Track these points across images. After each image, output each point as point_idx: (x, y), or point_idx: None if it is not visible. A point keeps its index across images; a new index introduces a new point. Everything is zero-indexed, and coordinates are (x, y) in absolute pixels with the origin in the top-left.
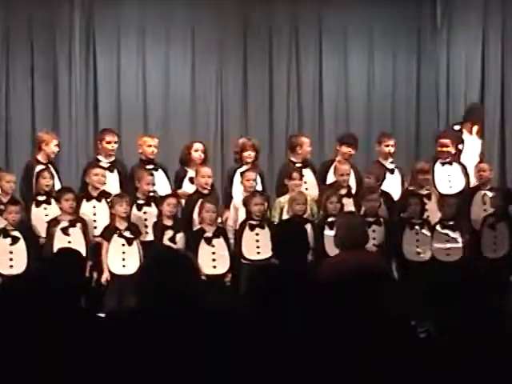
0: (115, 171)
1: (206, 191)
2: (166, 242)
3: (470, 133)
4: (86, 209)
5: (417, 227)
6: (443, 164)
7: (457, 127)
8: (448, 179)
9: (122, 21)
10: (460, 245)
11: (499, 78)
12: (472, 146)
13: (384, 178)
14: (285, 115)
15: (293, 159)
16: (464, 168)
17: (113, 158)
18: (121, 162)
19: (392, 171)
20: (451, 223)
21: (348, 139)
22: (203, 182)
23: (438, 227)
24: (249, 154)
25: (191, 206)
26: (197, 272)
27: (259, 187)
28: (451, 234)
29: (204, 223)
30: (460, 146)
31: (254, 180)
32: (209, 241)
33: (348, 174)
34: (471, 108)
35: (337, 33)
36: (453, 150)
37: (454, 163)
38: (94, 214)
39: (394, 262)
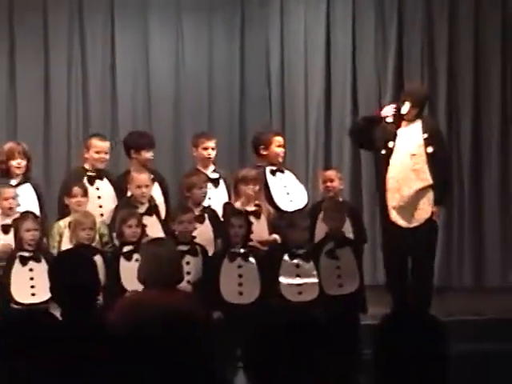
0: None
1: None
2: None
3: None
4: None
5: (239, 258)
6: (273, 172)
7: None
8: (285, 191)
9: None
10: (316, 280)
11: (349, 51)
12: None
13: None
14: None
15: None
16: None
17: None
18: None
19: (216, 182)
20: (303, 251)
21: (143, 140)
22: None
23: (285, 257)
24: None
25: None
26: None
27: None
28: (304, 265)
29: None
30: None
31: (14, 198)
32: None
33: (147, 186)
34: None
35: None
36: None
37: (286, 171)
38: None
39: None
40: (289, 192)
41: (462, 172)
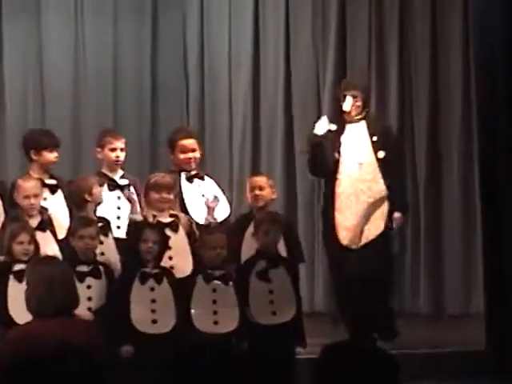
0: None
1: None
2: None
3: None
4: None
5: (152, 280)
6: (190, 178)
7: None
8: (203, 201)
9: None
10: (236, 307)
11: (282, 35)
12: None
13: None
14: None
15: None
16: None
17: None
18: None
19: (124, 189)
20: (221, 272)
21: (46, 139)
22: None
23: (199, 279)
24: None
25: None
26: None
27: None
28: (222, 289)
29: None
30: None
31: None
32: None
33: (36, 196)
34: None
35: None
36: (199, 155)
37: (206, 178)
38: None
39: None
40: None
41: (416, 179)
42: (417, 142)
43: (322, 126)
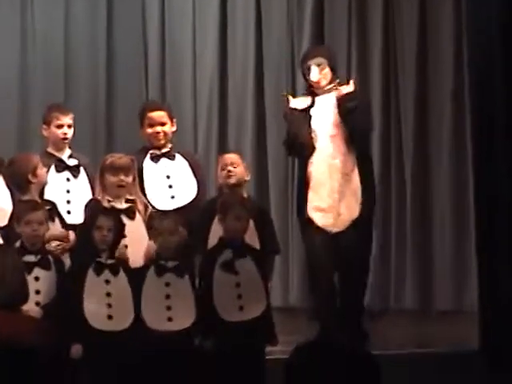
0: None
1: None
2: None
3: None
4: None
5: (107, 272)
6: (155, 158)
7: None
8: (168, 183)
9: None
10: (192, 301)
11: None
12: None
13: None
14: None
15: None
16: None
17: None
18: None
19: (74, 170)
20: (174, 264)
21: None
22: None
23: (150, 271)
24: None
25: None
26: None
27: None
28: (176, 282)
29: None
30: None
31: None
32: None
33: None
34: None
35: None
36: (170, 130)
37: (178, 157)
38: None
39: None
40: (172, 185)
41: (402, 166)
42: (404, 133)
43: (298, 100)
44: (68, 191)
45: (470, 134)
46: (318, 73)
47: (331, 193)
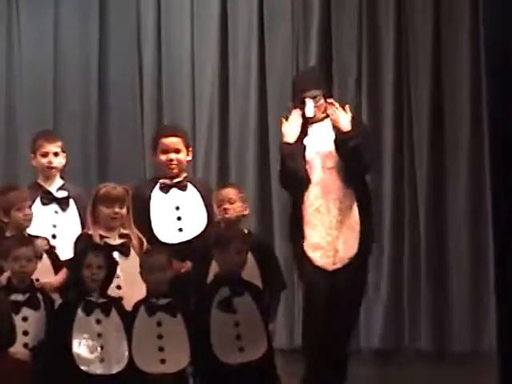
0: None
1: None
2: None
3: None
4: None
5: (98, 311)
6: (165, 188)
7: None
8: (176, 215)
9: None
10: (186, 342)
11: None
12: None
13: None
14: None
15: None
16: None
17: None
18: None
19: (63, 203)
20: (166, 301)
21: None
22: None
23: (141, 310)
24: None
25: None
26: None
27: None
28: (168, 322)
29: None
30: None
31: None
32: None
33: None
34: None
35: None
36: (185, 158)
37: (190, 187)
38: None
39: None
40: (181, 217)
41: (415, 187)
42: (416, 152)
43: (293, 131)
44: (54, 226)
45: (488, 147)
46: (313, 107)
47: (329, 229)
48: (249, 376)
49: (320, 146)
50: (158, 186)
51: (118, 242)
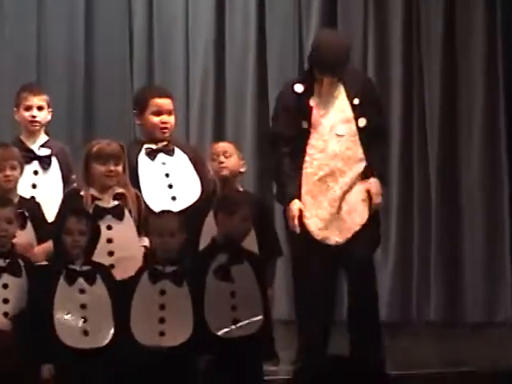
0: None
1: None
2: None
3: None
4: None
5: (81, 280)
6: (152, 153)
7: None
8: (167, 183)
9: None
10: (190, 314)
11: None
12: None
13: (23, 169)
14: None
15: None
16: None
17: None
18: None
19: (45, 161)
20: (172, 269)
21: None
22: None
23: (143, 277)
24: None
25: None
26: None
27: None
28: (172, 291)
29: None
30: None
31: None
32: None
33: None
34: None
35: None
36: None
37: (178, 152)
38: None
39: None
40: (172, 184)
41: (426, 159)
42: (428, 123)
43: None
44: (34, 186)
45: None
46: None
47: (335, 203)
48: (245, 350)
49: (330, 108)
50: (143, 151)
51: (112, 204)
